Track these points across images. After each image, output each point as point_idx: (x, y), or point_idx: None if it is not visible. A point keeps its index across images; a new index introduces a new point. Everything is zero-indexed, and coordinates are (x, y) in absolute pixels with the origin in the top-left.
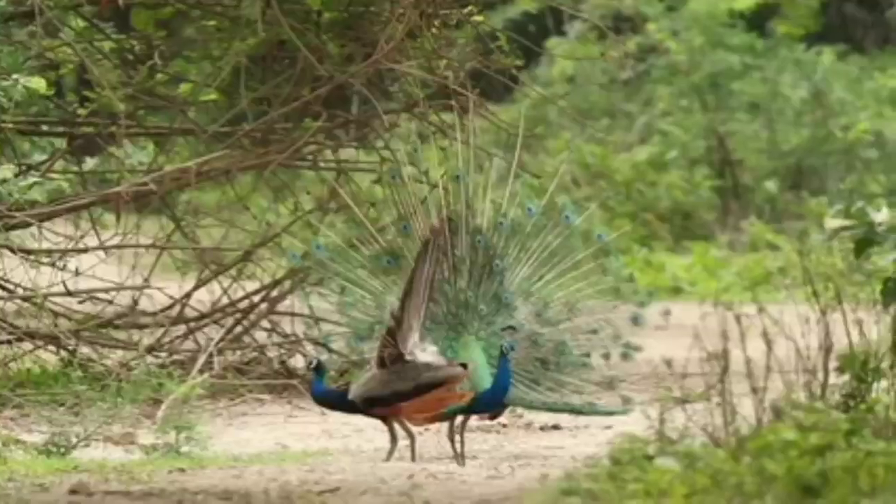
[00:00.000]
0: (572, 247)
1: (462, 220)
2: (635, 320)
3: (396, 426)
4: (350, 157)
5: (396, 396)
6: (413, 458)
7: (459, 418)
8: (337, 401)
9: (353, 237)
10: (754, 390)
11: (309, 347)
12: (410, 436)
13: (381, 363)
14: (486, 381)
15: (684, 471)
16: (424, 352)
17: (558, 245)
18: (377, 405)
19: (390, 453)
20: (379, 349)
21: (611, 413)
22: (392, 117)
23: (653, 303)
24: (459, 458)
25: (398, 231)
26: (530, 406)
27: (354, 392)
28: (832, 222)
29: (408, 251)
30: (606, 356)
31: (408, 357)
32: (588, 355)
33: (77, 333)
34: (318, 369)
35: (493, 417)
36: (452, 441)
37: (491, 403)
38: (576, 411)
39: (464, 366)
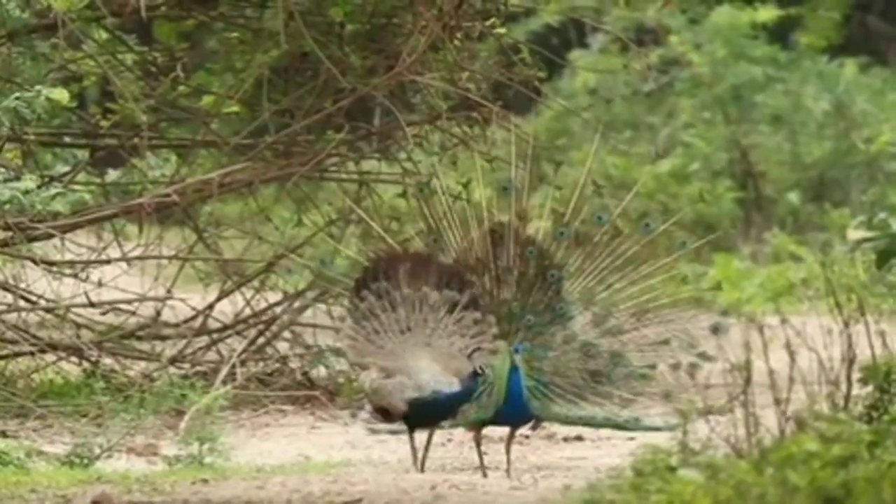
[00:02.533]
0: (651, 255)
1: (510, 231)
2: (716, 329)
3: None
4: (372, 169)
5: None
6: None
7: (488, 430)
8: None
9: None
10: (777, 401)
11: (332, 359)
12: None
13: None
14: None
15: (707, 482)
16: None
17: (633, 253)
18: None
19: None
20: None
21: (657, 429)
22: (414, 129)
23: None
24: (484, 468)
25: (428, 244)
26: (568, 421)
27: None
28: (855, 234)
29: None
30: (675, 367)
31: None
32: (654, 367)
33: (99, 345)
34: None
35: (532, 429)
36: (479, 451)
37: (513, 412)
38: (620, 427)
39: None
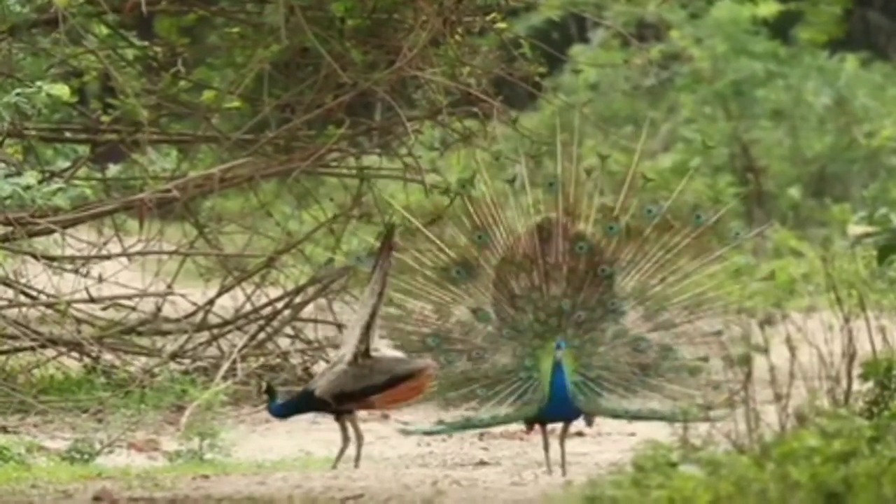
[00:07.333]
0: (701, 247)
1: (558, 227)
2: (767, 322)
3: (349, 426)
4: (373, 164)
5: (370, 390)
6: (357, 464)
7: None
8: (298, 405)
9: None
10: (778, 397)
11: (331, 354)
12: (359, 437)
13: (354, 360)
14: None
15: (708, 478)
16: (383, 348)
17: (685, 246)
18: (349, 400)
19: (340, 454)
20: (356, 346)
21: (703, 420)
22: (415, 124)
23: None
24: (565, 465)
25: (472, 241)
26: (616, 415)
27: (324, 389)
28: (855, 229)
29: (483, 261)
30: (727, 359)
31: (373, 353)
32: (706, 359)
33: (100, 340)
34: (269, 391)
35: (588, 424)
36: (546, 447)
37: (558, 408)
38: (666, 419)
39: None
